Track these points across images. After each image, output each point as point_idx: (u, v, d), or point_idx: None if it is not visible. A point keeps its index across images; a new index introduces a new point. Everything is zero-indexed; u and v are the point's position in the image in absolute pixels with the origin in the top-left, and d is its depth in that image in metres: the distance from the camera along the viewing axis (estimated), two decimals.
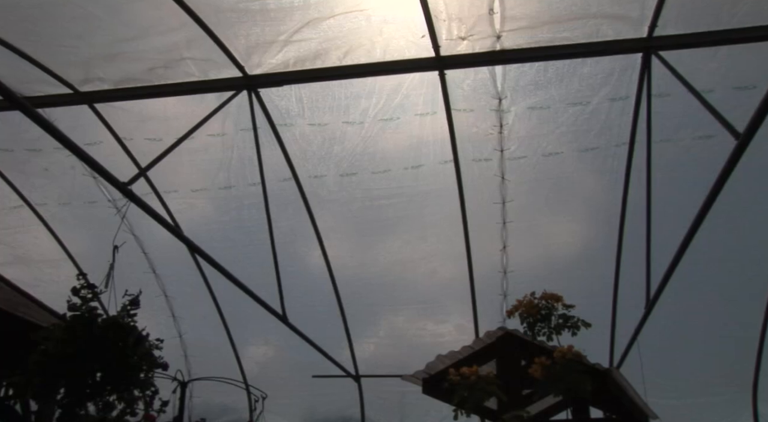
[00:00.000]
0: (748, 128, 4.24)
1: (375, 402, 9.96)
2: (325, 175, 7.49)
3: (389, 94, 6.59)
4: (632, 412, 5.55)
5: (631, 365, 7.95)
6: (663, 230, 6.82)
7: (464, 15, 5.56)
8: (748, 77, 6.06)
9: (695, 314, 8.20)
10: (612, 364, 8.50)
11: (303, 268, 8.64)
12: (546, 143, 6.84)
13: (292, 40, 5.86)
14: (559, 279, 8.13)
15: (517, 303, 4.31)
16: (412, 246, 8.16)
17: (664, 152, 6.64)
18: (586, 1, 5.45)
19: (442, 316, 8.92)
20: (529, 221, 7.60)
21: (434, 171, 7.19)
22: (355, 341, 9.34)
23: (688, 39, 5.63)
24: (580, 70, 6.20)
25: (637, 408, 5.64)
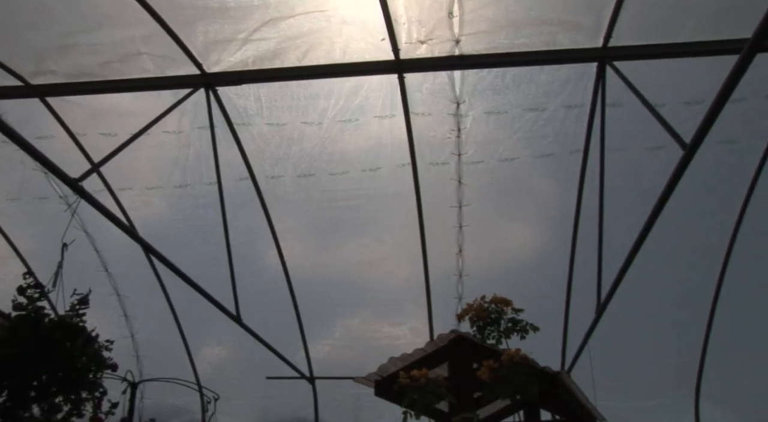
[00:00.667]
0: (693, 140, 4.38)
1: (329, 403, 9.93)
2: (283, 175, 7.45)
3: (348, 96, 6.59)
4: (581, 415, 5.63)
5: (583, 368, 8.10)
6: (614, 236, 6.96)
7: (424, 19, 5.59)
8: (697, 92, 6.23)
9: (644, 319, 8.40)
10: (564, 367, 8.64)
11: (259, 268, 8.58)
12: (503, 148, 6.92)
13: (252, 39, 5.82)
14: (513, 283, 8.25)
15: (468, 307, 4.35)
16: (369, 248, 8.18)
17: (616, 160, 6.76)
18: (544, 9, 5.54)
19: (398, 318, 8.96)
20: (485, 225, 7.68)
21: (392, 174, 7.21)
22: (311, 342, 9.31)
23: (641, 50, 5.77)
24: (537, 77, 6.29)
25: (585, 411, 5.73)
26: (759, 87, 6.34)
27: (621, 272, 6.12)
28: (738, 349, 8.52)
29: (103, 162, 5.47)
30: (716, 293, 8.10)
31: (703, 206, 7.56)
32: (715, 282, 8.03)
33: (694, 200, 7.37)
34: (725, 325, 8.31)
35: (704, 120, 4.25)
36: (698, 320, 8.34)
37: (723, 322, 8.29)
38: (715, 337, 8.41)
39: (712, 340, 8.44)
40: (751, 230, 7.56)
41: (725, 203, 7.49)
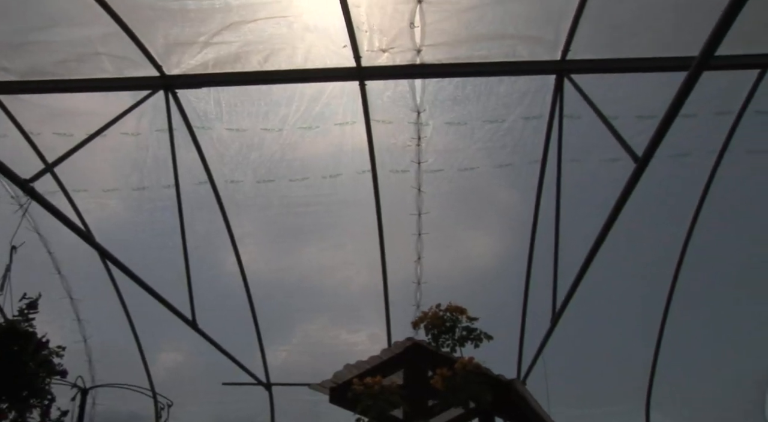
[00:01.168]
0: (645, 153, 4.48)
1: (287, 410, 9.86)
2: (242, 180, 7.40)
3: (309, 102, 6.58)
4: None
5: (538, 376, 8.20)
6: (570, 246, 7.05)
7: (385, 27, 5.63)
8: (650, 107, 6.38)
9: (598, 328, 8.56)
10: (519, 375, 8.74)
11: (217, 273, 8.50)
12: (462, 158, 7.00)
13: (212, 43, 5.78)
14: (472, 291, 8.31)
15: (423, 315, 4.38)
16: (328, 254, 8.17)
17: (573, 171, 6.89)
18: (504, 21, 5.62)
19: (356, 325, 8.96)
20: (444, 233, 7.74)
21: (352, 180, 7.23)
22: (268, 348, 9.24)
23: (598, 64, 5.90)
24: (496, 88, 6.38)
25: (538, 418, 5.81)
26: (709, 103, 6.54)
27: (575, 282, 6.22)
28: (687, 358, 8.74)
29: (58, 162, 5.36)
30: (667, 303, 8.29)
31: (656, 218, 7.74)
32: (666, 293, 8.22)
33: (647, 211, 7.53)
34: (676, 334, 8.51)
35: (655, 134, 4.36)
36: (650, 329, 8.53)
37: (673, 331, 8.49)
38: (665, 346, 8.60)
39: (663, 349, 8.63)
40: (701, 241, 7.77)
41: (677, 215, 7.68)
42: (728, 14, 3.29)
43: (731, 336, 8.63)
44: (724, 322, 8.53)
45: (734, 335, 8.63)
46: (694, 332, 8.54)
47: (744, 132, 6.73)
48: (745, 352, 8.76)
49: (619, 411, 9.18)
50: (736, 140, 6.82)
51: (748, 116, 6.58)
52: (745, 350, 8.75)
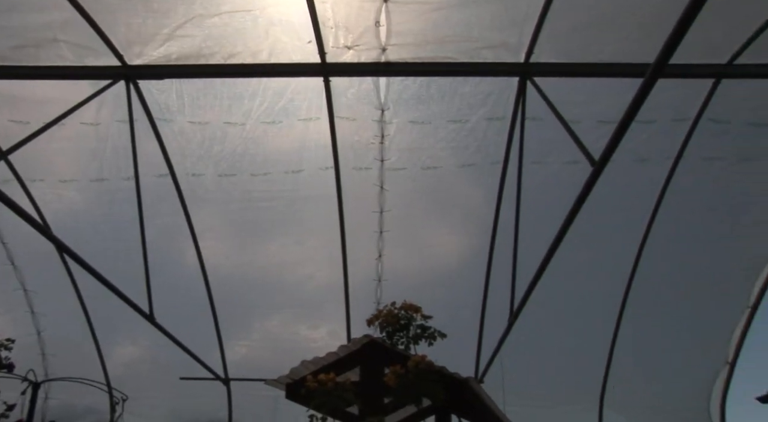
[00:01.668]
0: (601, 157, 4.56)
1: (246, 406, 9.80)
2: (204, 174, 7.34)
3: (273, 97, 6.56)
4: (489, 420, 5.78)
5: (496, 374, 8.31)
6: (529, 246, 7.13)
7: (351, 25, 5.64)
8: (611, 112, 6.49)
9: (555, 328, 8.69)
10: (478, 374, 8.83)
11: (177, 267, 8.43)
12: (425, 157, 7.04)
13: (176, 35, 5.73)
14: (433, 289, 8.39)
15: (378, 312, 4.40)
16: (289, 250, 8.15)
17: (534, 173, 7.00)
18: (469, 23, 5.68)
19: (316, 321, 8.95)
20: (405, 231, 7.78)
21: (315, 177, 7.22)
22: (227, 343, 9.18)
23: (560, 68, 6.00)
24: (460, 89, 6.43)
25: (493, 416, 5.88)
26: (667, 110, 6.69)
27: (532, 283, 6.30)
28: (641, 358, 8.94)
29: (12, 150, 5.23)
30: (622, 304, 8.45)
31: (615, 221, 7.88)
32: (622, 294, 8.38)
33: (606, 214, 7.67)
34: (630, 335, 8.68)
35: (611, 138, 4.44)
36: (605, 330, 8.68)
37: (628, 333, 8.66)
38: (620, 346, 8.77)
39: (618, 349, 8.80)
40: (656, 245, 7.93)
41: (635, 218, 7.82)
42: (682, 24, 3.36)
43: (683, 338, 8.86)
44: (677, 324, 8.75)
45: (685, 337, 8.86)
46: (648, 333, 8.74)
47: (699, 139, 6.90)
48: (696, 353, 9.00)
49: (573, 410, 9.34)
50: (692, 147, 6.98)
51: (703, 124, 6.74)
52: (695, 351, 8.99)
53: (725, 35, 5.85)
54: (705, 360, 9.00)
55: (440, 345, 5.09)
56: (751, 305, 8.49)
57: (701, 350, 8.96)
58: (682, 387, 9.19)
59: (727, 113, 6.64)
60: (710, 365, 9.03)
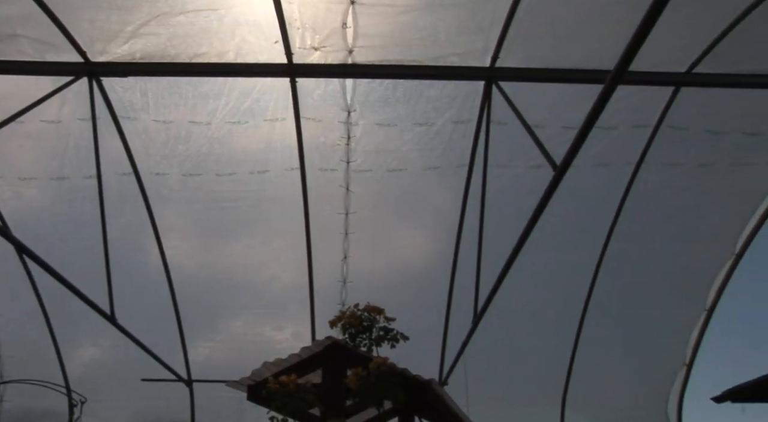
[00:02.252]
0: (563, 162, 4.63)
1: (209, 407, 9.70)
2: (168, 173, 7.27)
3: (239, 97, 6.53)
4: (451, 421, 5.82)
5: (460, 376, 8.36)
6: (494, 249, 7.19)
7: (318, 26, 5.64)
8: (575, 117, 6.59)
9: (518, 330, 8.79)
10: (442, 376, 8.88)
11: (140, 267, 8.32)
12: (391, 159, 7.07)
13: (140, 33, 5.66)
14: (398, 292, 8.37)
15: (340, 314, 4.41)
16: (254, 251, 8.10)
17: (499, 176, 7.07)
18: (436, 28, 5.72)
19: (280, 322, 8.91)
20: (371, 233, 7.80)
21: (280, 177, 7.20)
22: (191, 344, 9.08)
23: (525, 73, 6.08)
24: (427, 92, 6.47)
25: (455, 418, 5.92)
26: (629, 117, 6.81)
27: (496, 285, 6.35)
28: (601, 359, 9.08)
29: None
30: (584, 307, 8.58)
31: (578, 224, 8.01)
32: (584, 297, 8.51)
33: (569, 218, 7.80)
34: (591, 337, 8.82)
35: (573, 143, 4.51)
36: (568, 332, 8.80)
37: (589, 334, 8.79)
38: (581, 348, 8.90)
39: (579, 351, 8.93)
40: (618, 247, 8.08)
41: (597, 222, 7.95)
42: (639, 34, 3.43)
43: (643, 339, 9.04)
44: (637, 326, 8.92)
45: (645, 338, 9.04)
46: (609, 334, 8.89)
47: (659, 145, 7.04)
48: (655, 354, 9.19)
49: (535, 412, 9.45)
50: (652, 153, 7.13)
51: (664, 131, 6.88)
52: (655, 352, 9.17)
53: (685, 45, 5.99)
54: (663, 361, 9.20)
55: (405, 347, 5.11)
56: (708, 308, 8.70)
57: (660, 351, 9.15)
58: (641, 388, 9.38)
59: (686, 120, 6.79)
60: (668, 366, 9.23)
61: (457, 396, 7.64)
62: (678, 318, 8.87)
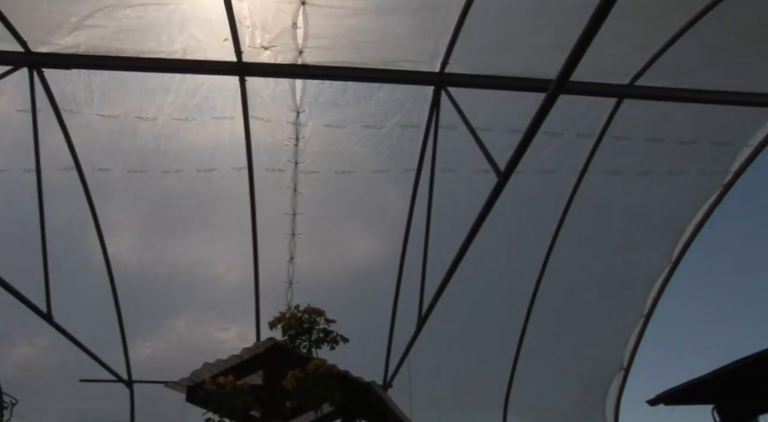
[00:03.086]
0: (506, 168, 4.72)
1: (150, 408, 9.50)
2: (112, 169, 7.11)
3: (187, 94, 6.43)
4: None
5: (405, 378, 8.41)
6: (439, 253, 7.26)
7: (268, 25, 5.61)
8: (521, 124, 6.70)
9: (463, 333, 8.88)
10: (386, 378, 8.92)
11: (80, 264, 8.12)
12: (339, 161, 7.07)
13: (85, 25, 5.52)
14: (344, 293, 8.41)
15: (280, 315, 4.39)
16: (199, 250, 7.99)
17: (446, 181, 7.13)
18: (386, 31, 5.75)
19: (225, 323, 8.81)
20: (318, 234, 7.79)
21: (227, 176, 7.12)
22: (132, 344, 8.89)
23: (474, 80, 6.15)
24: (376, 95, 6.50)
25: (397, 420, 5.96)
26: (574, 125, 6.98)
27: (440, 288, 6.42)
28: (543, 363, 9.26)
29: None
30: (528, 311, 8.73)
31: (524, 229, 8.15)
32: (527, 302, 8.66)
33: (516, 222, 7.93)
34: (534, 341, 8.98)
35: (516, 151, 4.62)
36: (511, 336, 8.94)
37: (532, 338, 8.96)
38: (524, 352, 9.06)
39: (522, 355, 9.08)
40: (562, 253, 8.25)
41: (542, 227, 8.10)
42: (579, 46, 3.53)
43: (583, 344, 9.26)
44: (578, 331, 9.13)
45: (585, 343, 9.26)
46: (551, 339, 9.07)
47: (602, 154, 7.23)
48: (595, 358, 9.41)
49: (478, 415, 9.57)
50: (596, 161, 7.31)
51: (607, 140, 7.07)
52: (594, 356, 9.40)
53: (628, 58, 6.16)
54: (602, 365, 9.43)
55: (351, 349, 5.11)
56: (646, 314, 8.97)
57: (599, 355, 9.38)
58: (581, 391, 9.59)
59: (628, 129, 6.99)
60: (607, 370, 9.47)
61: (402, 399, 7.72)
62: (617, 323, 9.12)
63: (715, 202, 7.81)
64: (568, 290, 8.65)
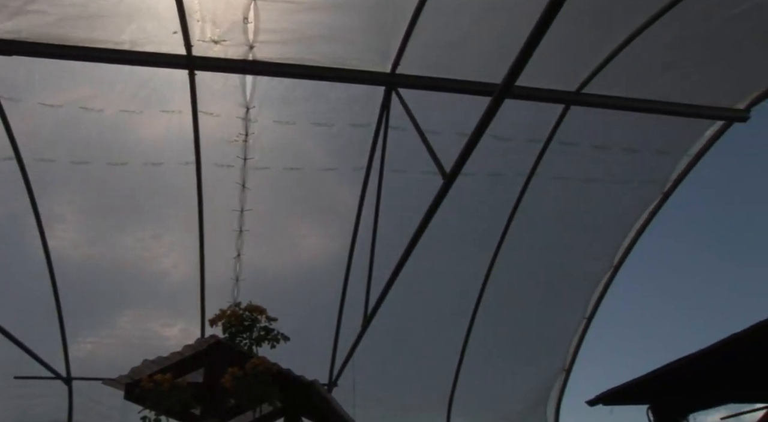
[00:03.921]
0: (451, 170, 4.77)
1: (92, 406, 9.28)
2: (55, 160, 6.92)
3: (135, 86, 6.31)
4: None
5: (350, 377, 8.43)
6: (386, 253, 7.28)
7: (219, 19, 5.54)
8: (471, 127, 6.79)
9: (409, 333, 8.95)
10: (331, 378, 8.92)
11: (19, 258, 7.87)
12: (289, 158, 7.04)
13: (27, 10, 5.34)
14: (292, 291, 8.39)
15: (221, 313, 4.35)
16: (145, 245, 7.85)
17: (395, 181, 7.16)
18: (338, 29, 5.73)
19: (169, 319, 8.68)
20: (266, 231, 7.73)
21: (175, 171, 7.01)
22: (73, 340, 8.67)
23: (425, 81, 6.19)
24: (327, 93, 6.48)
25: (340, 419, 5.97)
26: (523, 131, 7.09)
27: (386, 288, 6.45)
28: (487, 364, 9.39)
29: None
30: (474, 312, 8.84)
31: (472, 231, 8.24)
32: (473, 303, 8.77)
33: (463, 224, 8.01)
34: (478, 342, 9.10)
35: (461, 153, 4.67)
36: (456, 336, 9.04)
37: (477, 339, 9.07)
38: (468, 353, 9.17)
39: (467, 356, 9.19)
40: (508, 255, 8.38)
41: (489, 230, 8.21)
42: (524, 52, 3.60)
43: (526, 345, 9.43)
44: (522, 332, 9.30)
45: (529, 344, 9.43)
46: (495, 340, 9.21)
47: (550, 159, 7.36)
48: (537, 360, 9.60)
49: (422, 414, 9.65)
50: (543, 166, 7.44)
51: (554, 145, 7.20)
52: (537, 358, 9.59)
53: (576, 66, 6.29)
54: (545, 367, 9.62)
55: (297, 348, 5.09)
56: (587, 316, 9.18)
57: (542, 356, 9.56)
58: (524, 391, 9.76)
59: (575, 136, 7.13)
60: (549, 370, 9.66)
61: (346, 398, 7.73)
62: (560, 325, 9.31)
63: (655, 209, 8.04)
64: (512, 292, 8.78)
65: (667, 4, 5.51)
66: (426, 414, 9.62)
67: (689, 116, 6.62)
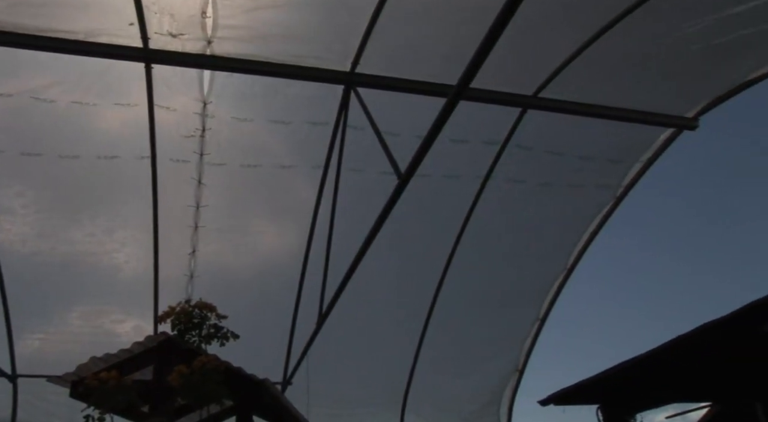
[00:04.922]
0: (406, 171, 4.80)
1: (38, 405, 9.05)
2: (4, 151, 6.73)
3: (90, 77, 6.18)
4: (286, 420, 5.85)
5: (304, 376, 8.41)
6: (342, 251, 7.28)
7: (177, 12, 5.48)
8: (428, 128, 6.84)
9: (364, 332, 8.97)
10: (285, 375, 8.88)
11: None
12: (246, 154, 6.98)
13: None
14: (247, 288, 8.33)
15: (170, 309, 4.30)
16: (96, 239, 7.68)
17: (353, 180, 7.16)
18: (298, 26, 5.73)
19: (121, 315, 8.52)
20: (222, 227, 7.66)
21: (129, 165, 6.89)
22: (20, 336, 8.44)
23: (383, 81, 6.21)
24: (285, 90, 6.44)
25: (291, 417, 5.97)
26: (479, 133, 7.17)
27: (340, 287, 6.46)
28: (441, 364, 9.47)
29: None
30: (429, 312, 8.90)
31: (427, 232, 8.29)
32: (428, 303, 8.82)
33: (419, 225, 8.06)
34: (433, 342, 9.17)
35: (416, 154, 4.71)
36: (411, 336, 9.10)
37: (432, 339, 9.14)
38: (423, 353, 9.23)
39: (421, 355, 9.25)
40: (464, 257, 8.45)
41: (445, 230, 8.27)
42: (480, 51, 3.65)
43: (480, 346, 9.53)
44: (477, 333, 9.39)
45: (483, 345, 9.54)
46: (449, 340, 9.29)
47: (506, 162, 7.46)
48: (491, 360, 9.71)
49: (376, 413, 9.68)
50: (499, 169, 7.53)
51: (510, 149, 7.30)
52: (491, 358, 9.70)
53: (533, 70, 6.39)
54: (499, 367, 9.74)
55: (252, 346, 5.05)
56: (541, 318, 9.33)
57: (496, 356, 9.68)
58: (477, 391, 9.87)
59: (531, 140, 7.24)
60: (503, 371, 9.79)
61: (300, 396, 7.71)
62: (513, 326, 9.44)
63: (608, 212, 8.22)
64: (468, 293, 8.87)
65: (621, 12, 5.64)
66: (380, 412, 9.64)
67: (641, 122, 6.79)
